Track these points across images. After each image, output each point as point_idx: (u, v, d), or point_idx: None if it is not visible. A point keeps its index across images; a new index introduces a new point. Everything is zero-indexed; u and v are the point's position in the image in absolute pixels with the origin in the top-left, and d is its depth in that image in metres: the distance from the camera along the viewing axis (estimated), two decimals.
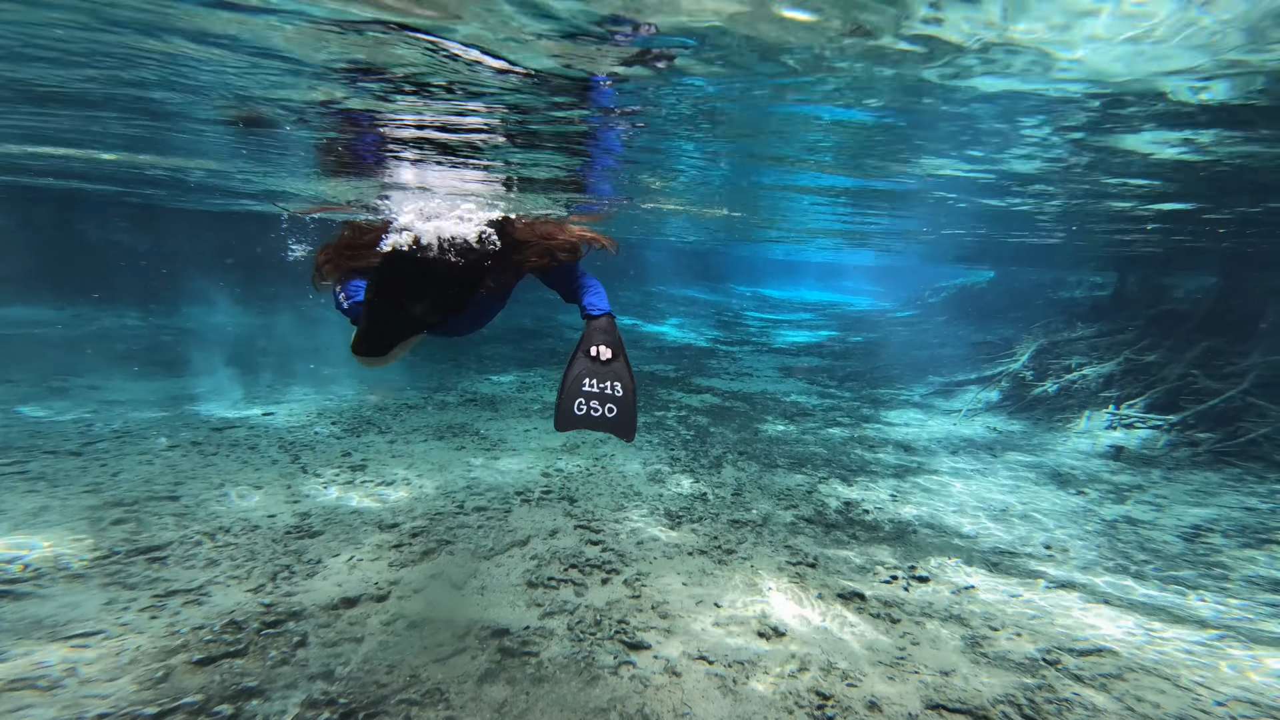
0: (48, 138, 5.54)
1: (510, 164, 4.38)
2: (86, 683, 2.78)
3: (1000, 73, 2.64)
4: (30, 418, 6.57)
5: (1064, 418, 8.97)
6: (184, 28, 2.37)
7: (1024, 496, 6.13)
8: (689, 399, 9.14)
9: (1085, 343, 11.32)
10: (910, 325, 19.43)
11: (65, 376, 8.17)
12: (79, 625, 3.18)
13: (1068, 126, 3.56)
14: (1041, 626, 3.73)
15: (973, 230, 10.09)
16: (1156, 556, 4.88)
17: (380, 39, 2.35)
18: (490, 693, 2.90)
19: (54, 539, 4.05)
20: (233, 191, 8.52)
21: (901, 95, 3.05)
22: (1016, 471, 6.92)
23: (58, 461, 5.41)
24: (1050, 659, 3.37)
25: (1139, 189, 5.41)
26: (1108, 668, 3.33)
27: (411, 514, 4.77)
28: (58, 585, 3.53)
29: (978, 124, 3.55)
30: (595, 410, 2.65)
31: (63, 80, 3.36)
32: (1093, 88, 2.84)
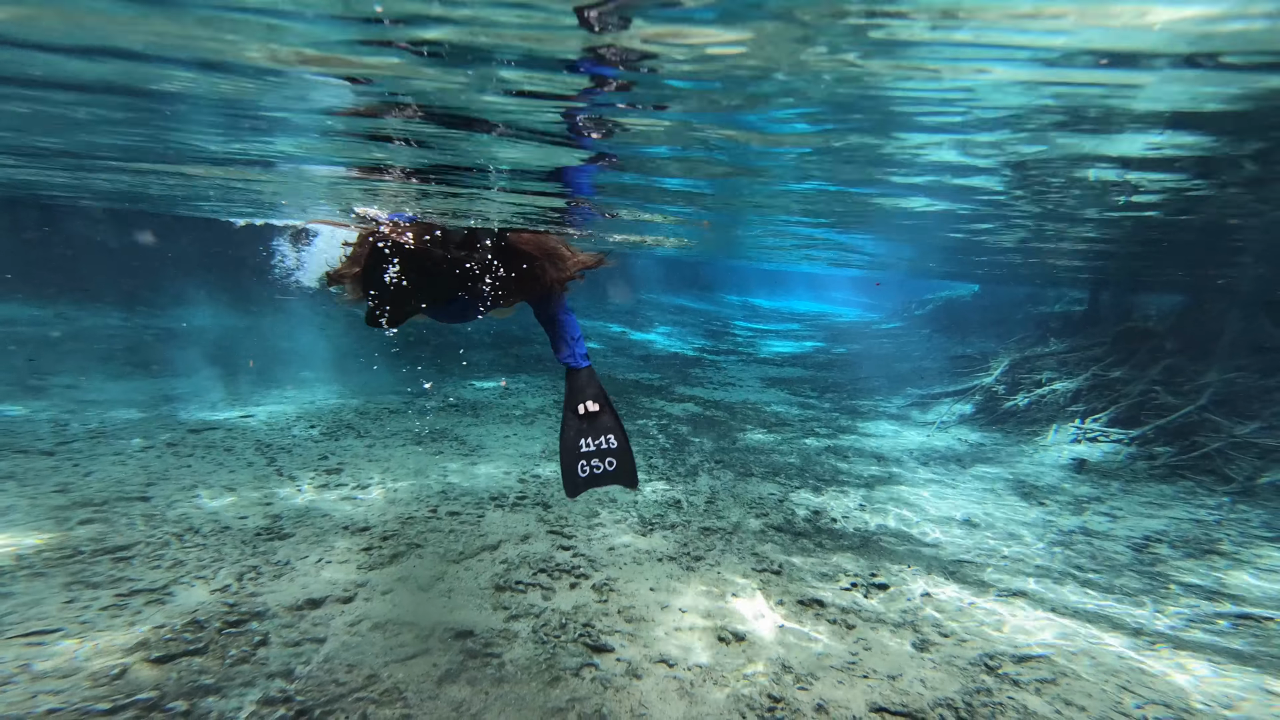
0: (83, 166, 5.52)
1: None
2: (38, 679, 2.79)
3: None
4: (4, 416, 6.53)
5: (1032, 431, 9.16)
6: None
7: (989, 507, 6.27)
8: (671, 408, 9.22)
9: (1056, 358, 11.58)
10: (894, 337, 19.69)
11: (43, 375, 8.10)
12: (36, 623, 3.18)
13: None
14: (987, 633, 3.84)
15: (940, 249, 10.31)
16: (1106, 566, 5.02)
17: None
18: (449, 692, 2.94)
19: (18, 537, 4.04)
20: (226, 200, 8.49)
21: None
22: (984, 483, 7.07)
23: (28, 460, 5.38)
24: (991, 664, 3.49)
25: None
26: (1043, 673, 3.46)
27: (384, 518, 4.80)
28: (18, 583, 3.54)
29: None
30: (597, 468, 2.91)
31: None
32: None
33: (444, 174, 3.87)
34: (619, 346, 15.05)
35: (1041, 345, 12.42)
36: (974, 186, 4.06)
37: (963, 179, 3.84)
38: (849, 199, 4.85)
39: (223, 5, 1.73)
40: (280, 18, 1.80)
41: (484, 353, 12.37)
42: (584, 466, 2.88)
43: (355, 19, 1.78)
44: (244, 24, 1.85)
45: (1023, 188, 4.13)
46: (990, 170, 3.58)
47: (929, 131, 2.80)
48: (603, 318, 19.03)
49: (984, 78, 2.09)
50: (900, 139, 2.95)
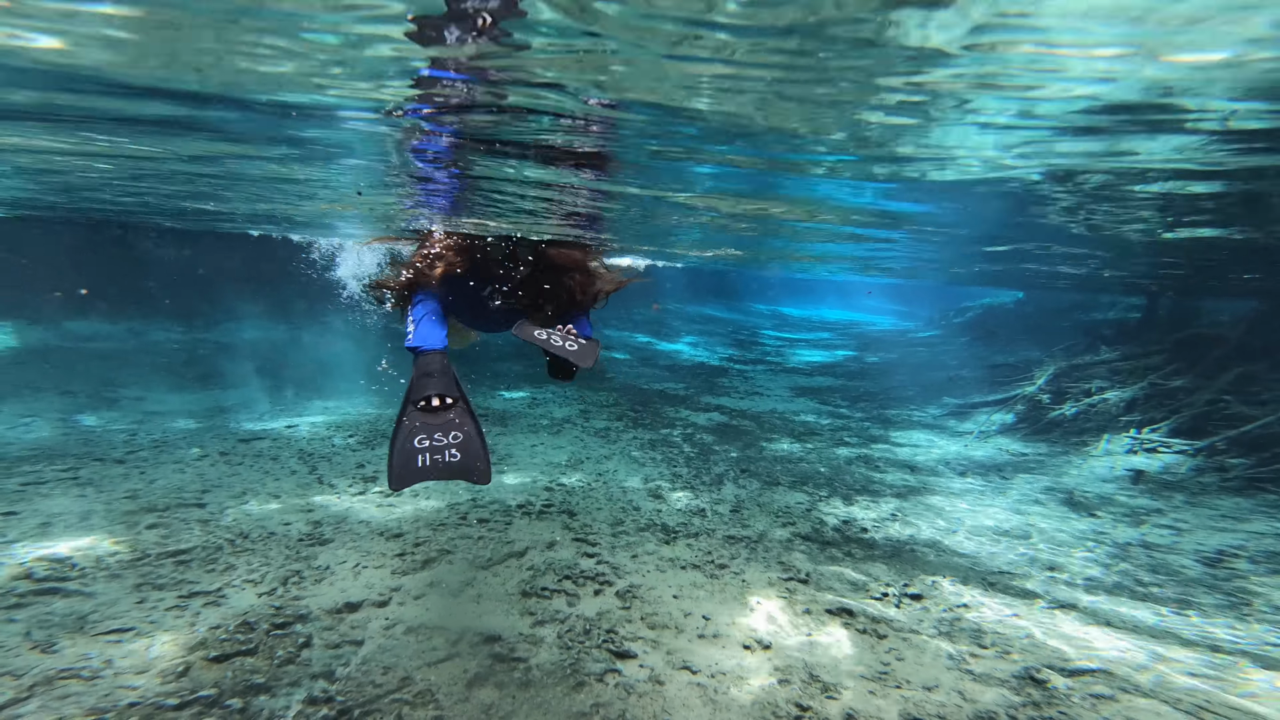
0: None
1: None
2: (120, 674, 2.98)
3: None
4: (85, 426, 7.04)
5: (1081, 441, 8.82)
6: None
7: (1031, 518, 6.06)
8: (696, 417, 9.23)
9: (1107, 366, 11.13)
10: (930, 346, 19.22)
11: (115, 388, 8.68)
12: (115, 621, 3.40)
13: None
14: (1033, 646, 3.71)
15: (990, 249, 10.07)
16: (1171, 580, 4.80)
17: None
18: (479, 695, 3.02)
19: (97, 541, 4.32)
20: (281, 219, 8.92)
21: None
22: (1026, 493, 6.84)
23: (104, 468, 5.77)
24: (1039, 678, 3.37)
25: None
26: (1100, 688, 3.31)
27: (416, 524, 4.95)
28: (99, 584, 3.78)
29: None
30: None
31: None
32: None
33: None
34: (645, 357, 15.13)
35: (1091, 354, 11.97)
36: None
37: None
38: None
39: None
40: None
41: (510, 363, 12.61)
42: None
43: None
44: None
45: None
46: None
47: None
48: (628, 328, 19.17)
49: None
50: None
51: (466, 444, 2.41)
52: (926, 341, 20.37)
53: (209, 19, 1.88)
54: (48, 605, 3.49)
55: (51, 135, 3.73)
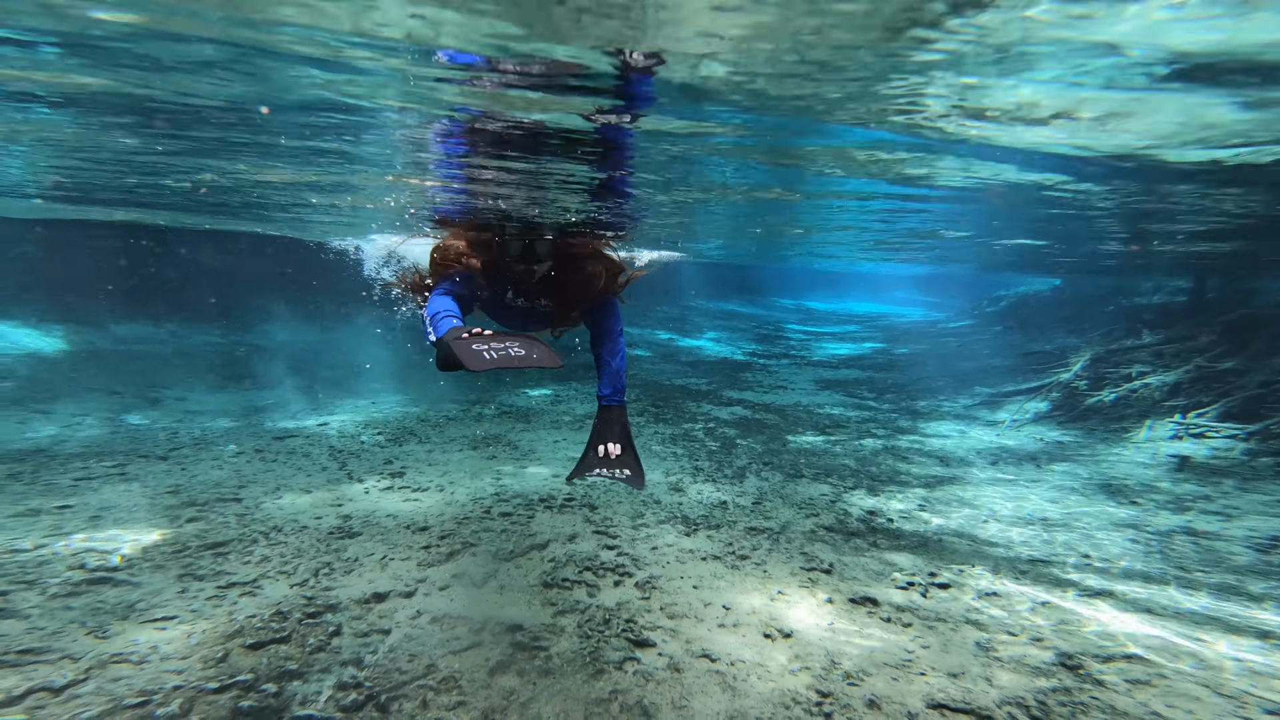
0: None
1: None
2: (165, 659, 3.11)
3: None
4: (131, 425, 7.40)
5: (1121, 428, 8.51)
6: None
7: (1067, 507, 5.88)
8: (718, 411, 9.18)
9: (1149, 351, 10.71)
10: (961, 336, 18.75)
11: (159, 389, 9.08)
12: (160, 610, 3.55)
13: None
14: (1066, 632, 3.62)
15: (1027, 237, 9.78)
16: (1218, 567, 4.61)
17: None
18: (500, 682, 3.07)
19: (143, 533, 4.52)
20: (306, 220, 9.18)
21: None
22: (1062, 482, 6.63)
23: (149, 465, 6.03)
24: (1070, 664, 3.29)
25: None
26: (1136, 673, 3.21)
27: (442, 518, 5.05)
28: (145, 574, 3.95)
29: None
30: (605, 475, 2.96)
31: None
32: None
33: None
34: (667, 353, 15.12)
35: (1132, 339, 11.53)
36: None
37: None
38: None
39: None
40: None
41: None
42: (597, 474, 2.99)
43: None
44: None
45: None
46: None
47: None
48: (649, 325, 19.16)
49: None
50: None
51: (526, 344, 2.41)
52: (958, 332, 19.87)
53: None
54: (100, 594, 3.67)
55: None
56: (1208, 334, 10.29)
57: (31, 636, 3.17)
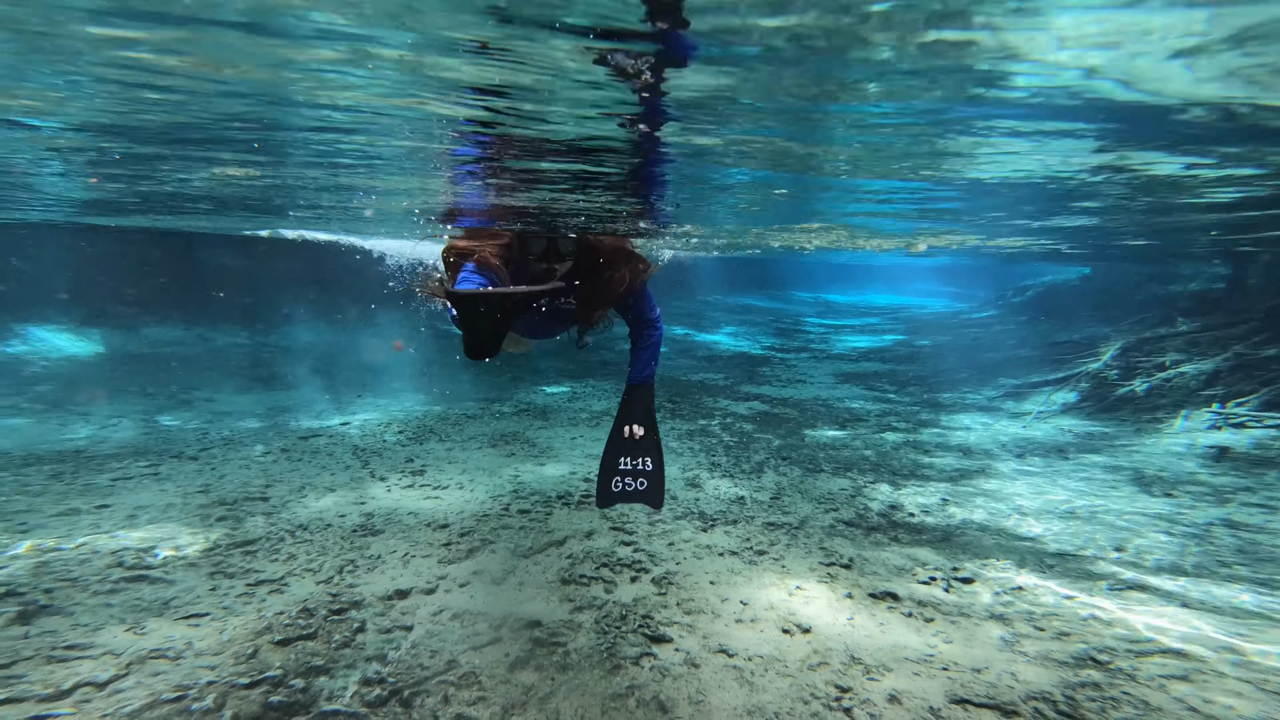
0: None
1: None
2: (199, 655, 3.20)
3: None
4: (164, 426, 7.63)
5: (1154, 418, 8.26)
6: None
7: (1097, 500, 5.73)
8: (735, 406, 9.13)
9: (1184, 339, 10.37)
10: (985, 327, 18.38)
11: (189, 390, 9.35)
12: (193, 607, 3.65)
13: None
14: (1096, 627, 3.54)
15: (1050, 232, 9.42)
16: (1262, 561, 4.46)
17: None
18: (519, 678, 3.10)
19: (176, 532, 4.66)
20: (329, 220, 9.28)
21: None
22: (1091, 474, 6.46)
23: (180, 464, 6.21)
24: (1101, 659, 3.21)
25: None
26: (1172, 669, 3.13)
27: (461, 515, 5.11)
28: (178, 572, 4.07)
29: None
30: (629, 485, 3.10)
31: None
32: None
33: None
34: (683, 349, 15.07)
35: (1165, 326, 11.18)
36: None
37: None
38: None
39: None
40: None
41: (551, 360, 12.82)
42: (618, 483, 3.09)
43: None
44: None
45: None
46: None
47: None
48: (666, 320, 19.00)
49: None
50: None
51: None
52: (982, 322, 19.48)
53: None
54: (137, 591, 3.79)
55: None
56: (1246, 321, 9.91)
57: (76, 633, 3.29)
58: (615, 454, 3.12)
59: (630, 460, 3.10)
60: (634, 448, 3.10)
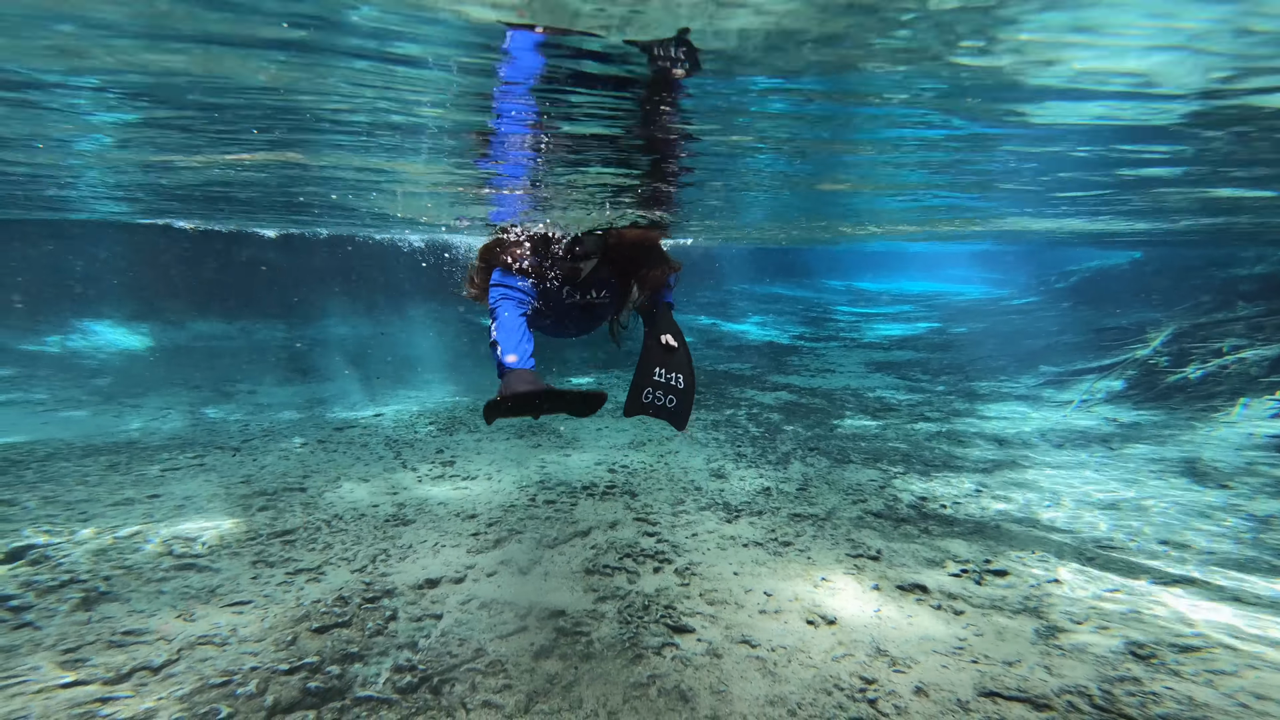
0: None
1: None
2: (243, 642, 3.34)
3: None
4: (209, 418, 7.97)
5: (1209, 407, 7.84)
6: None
7: (1143, 490, 5.48)
8: (762, 396, 9.04)
9: (1244, 324, 9.80)
10: (1026, 313, 17.72)
11: (232, 383, 9.74)
12: (237, 595, 3.81)
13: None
14: (1138, 621, 3.41)
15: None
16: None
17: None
18: (544, 666, 3.15)
19: (221, 522, 4.86)
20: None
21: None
22: (1137, 465, 6.18)
23: (224, 456, 6.48)
24: (1141, 653, 3.10)
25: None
26: (1221, 664, 3.00)
27: (489, 505, 5.20)
28: (223, 560, 4.24)
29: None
30: (659, 399, 2.94)
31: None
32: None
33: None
34: (710, 339, 14.96)
35: (1224, 311, 10.58)
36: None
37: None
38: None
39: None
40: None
41: (577, 350, 12.88)
42: (649, 394, 2.94)
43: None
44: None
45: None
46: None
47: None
48: (691, 310, 18.99)
49: None
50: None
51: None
52: (1022, 309, 18.78)
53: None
54: (186, 579, 3.97)
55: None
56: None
57: (133, 619, 3.47)
58: (650, 364, 2.98)
59: (665, 373, 2.97)
60: (669, 360, 2.98)
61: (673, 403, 2.94)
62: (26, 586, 3.71)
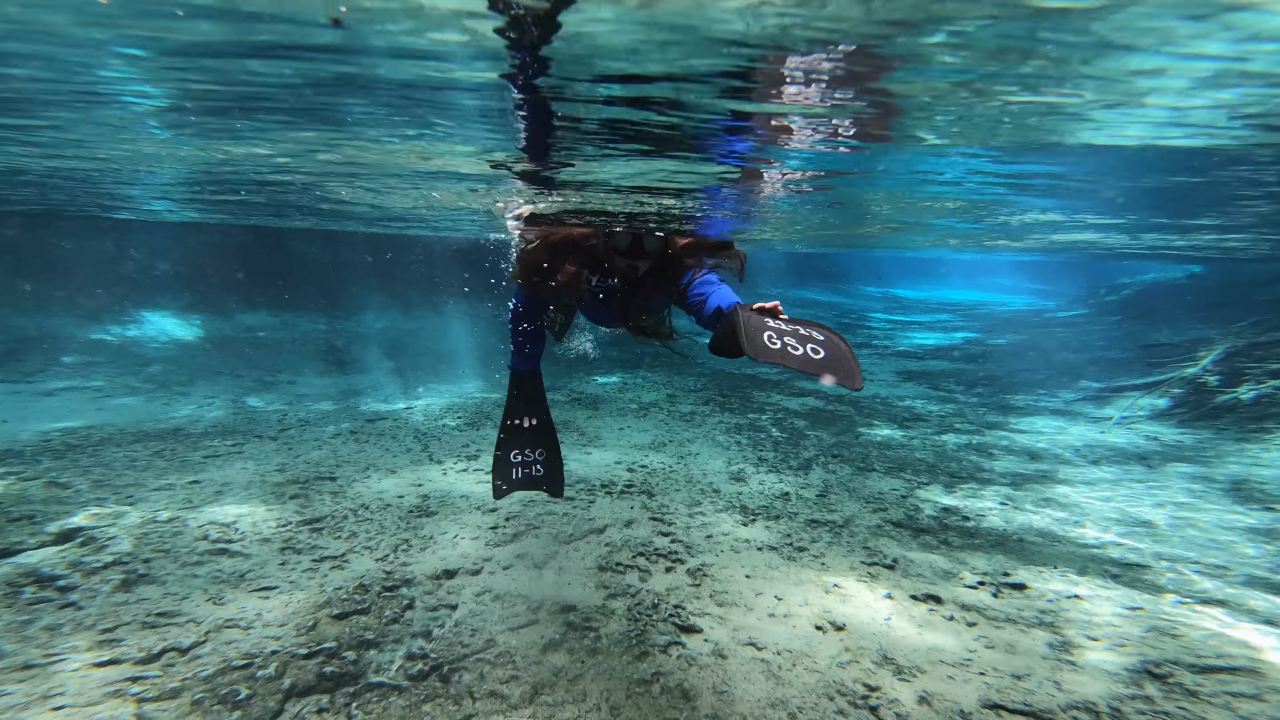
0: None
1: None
2: (266, 626, 3.48)
3: None
4: (250, 407, 8.34)
5: (1260, 429, 7.44)
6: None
7: (1181, 511, 5.25)
8: (788, 402, 8.95)
9: None
10: (1072, 326, 17.07)
11: (274, 373, 10.16)
12: (264, 580, 3.96)
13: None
14: (1158, 641, 3.31)
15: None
16: None
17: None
18: (551, 659, 3.21)
19: (255, 509, 5.08)
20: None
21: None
22: (1177, 484, 5.92)
23: (262, 444, 6.76)
24: (1159, 672, 3.01)
25: None
26: (1241, 687, 2.88)
27: (509, 501, 5.30)
28: (254, 546, 4.42)
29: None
30: (794, 348, 1.93)
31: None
32: None
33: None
34: None
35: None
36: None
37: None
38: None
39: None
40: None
41: (604, 349, 12.98)
42: (774, 338, 1.91)
43: None
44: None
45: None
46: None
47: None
48: None
49: None
50: None
51: (549, 462, 3.00)
52: (1068, 321, 18.09)
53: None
54: (219, 563, 4.15)
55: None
56: None
57: (167, 601, 3.66)
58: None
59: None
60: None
61: (817, 353, 1.82)
62: (74, 567, 3.93)
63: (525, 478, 3.07)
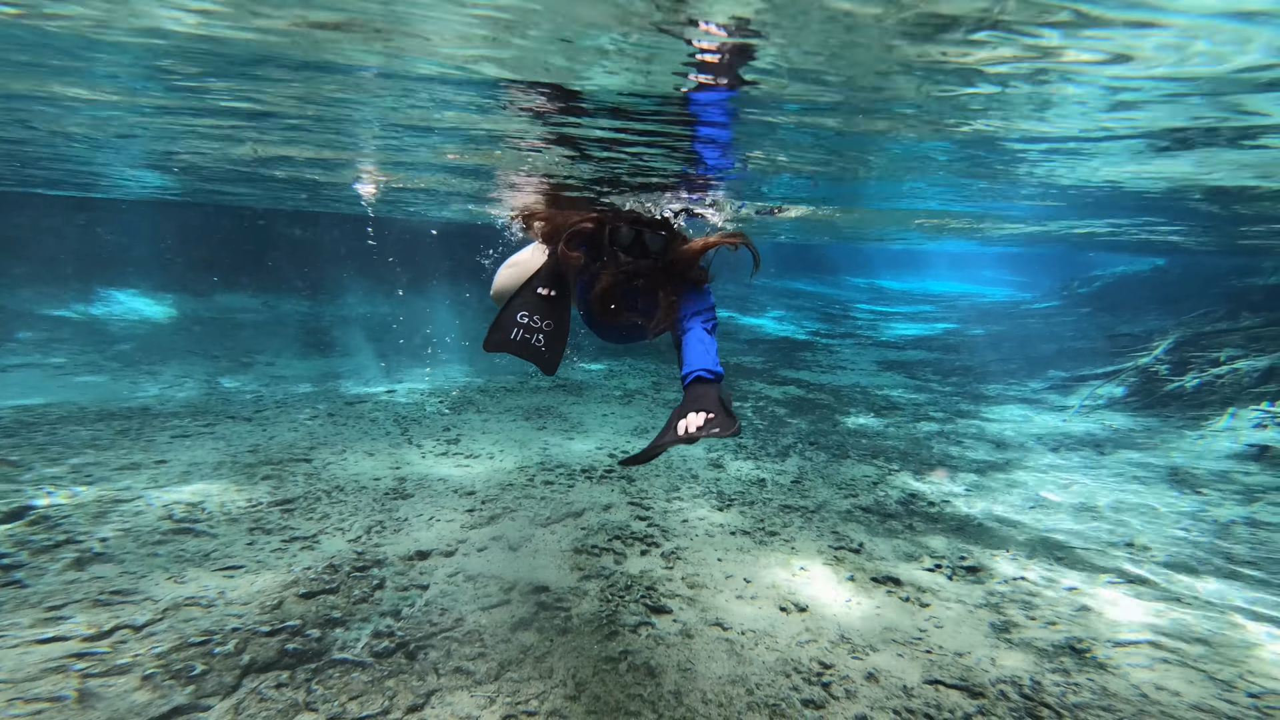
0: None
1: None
2: (229, 604, 3.47)
3: None
4: (224, 387, 8.19)
5: (1200, 415, 7.83)
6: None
7: (1123, 495, 5.56)
8: (770, 390, 9.06)
9: (1243, 333, 9.66)
10: (1045, 317, 17.44)
11: (252, 355, 9.99)
12: (230, 560, 3.94)
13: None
14: (1085, 619, 3.60)
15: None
16: (1272, 560, 4.36)
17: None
18: (520, 637, 3.26)
19: (223, 489, 5.03)
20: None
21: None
22: (1124, 470, 6.21)
23: (235, 425, 6.66)
24: (1080, 648, 3.31)
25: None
26: (1141, 658, 3.21)
27: (488, 484, 5.33)
28: (222, 526, 4.39)
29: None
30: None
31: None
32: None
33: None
34: (725, 331, 14.95)
35: (1229, 321, 10.39)
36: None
37: None
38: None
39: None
40: None
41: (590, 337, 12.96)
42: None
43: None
44: None
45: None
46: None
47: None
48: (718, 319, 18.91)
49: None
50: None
51: (554, 337, 2.76)
52: (1042, 313, 18.47)
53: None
54: (182, 543, 4.09)
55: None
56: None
57: (123, 579, 3.60)
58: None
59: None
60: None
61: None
62: (21, 545, 3.81)
63: (524, 343, 2.76)
